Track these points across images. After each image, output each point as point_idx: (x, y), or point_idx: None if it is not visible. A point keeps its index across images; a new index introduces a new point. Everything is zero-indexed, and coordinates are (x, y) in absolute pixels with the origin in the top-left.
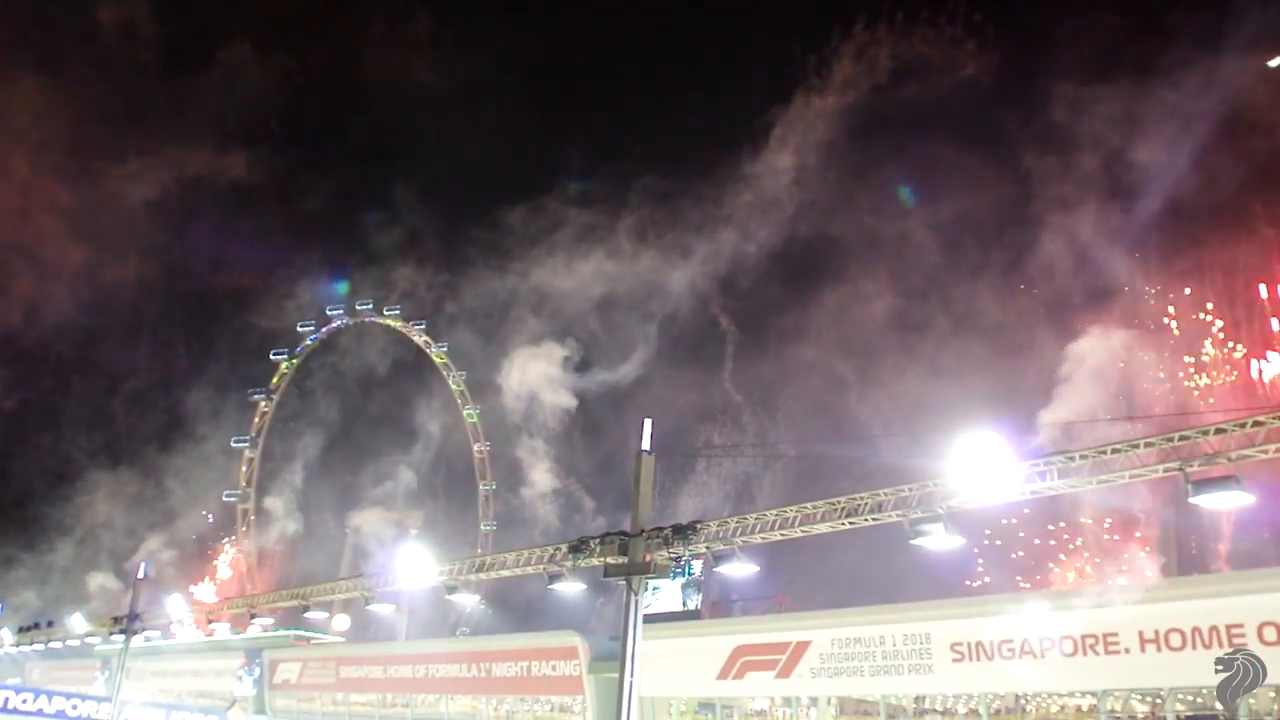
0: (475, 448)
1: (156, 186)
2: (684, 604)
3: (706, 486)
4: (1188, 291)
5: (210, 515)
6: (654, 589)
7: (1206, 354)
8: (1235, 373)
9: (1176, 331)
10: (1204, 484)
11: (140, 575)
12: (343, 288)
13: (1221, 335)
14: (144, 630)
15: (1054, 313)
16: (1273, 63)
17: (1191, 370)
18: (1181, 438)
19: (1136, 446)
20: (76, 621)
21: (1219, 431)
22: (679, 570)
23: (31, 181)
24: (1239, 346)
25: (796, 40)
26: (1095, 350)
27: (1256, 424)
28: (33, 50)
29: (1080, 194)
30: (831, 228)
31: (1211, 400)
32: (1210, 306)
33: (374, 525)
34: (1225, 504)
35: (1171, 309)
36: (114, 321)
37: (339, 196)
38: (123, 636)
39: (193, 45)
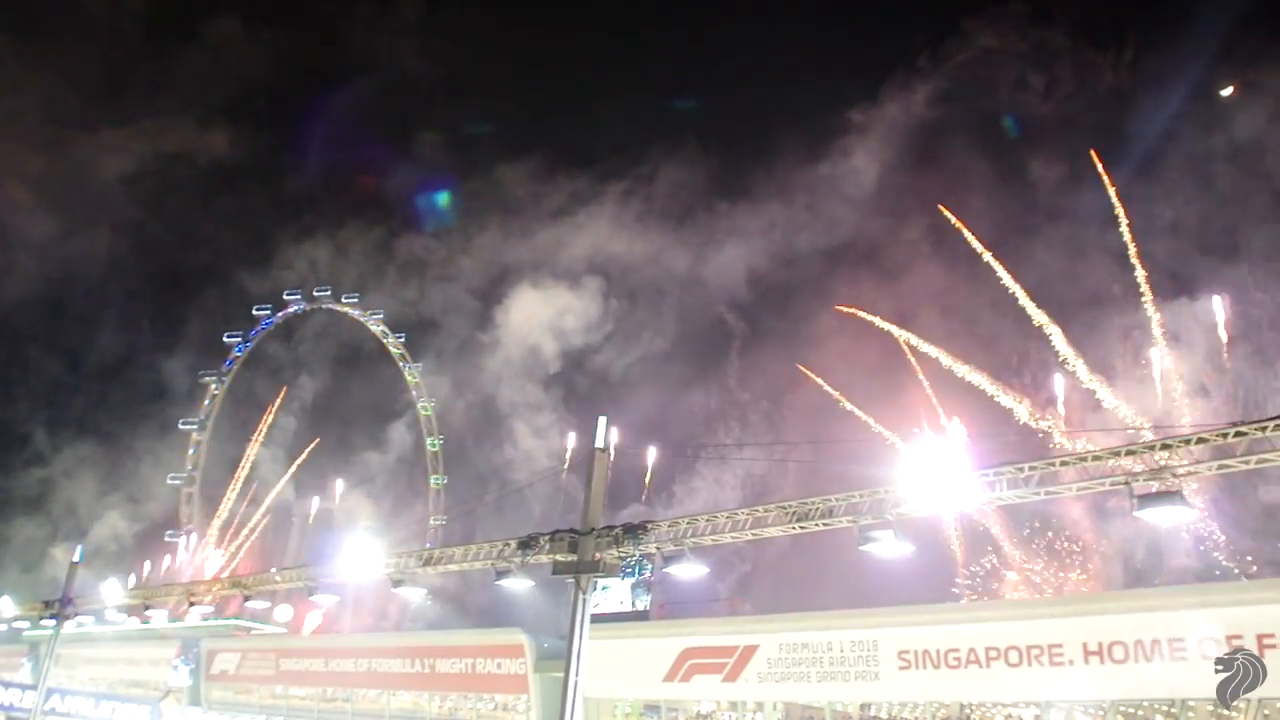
0: (429, 441)
1: (133, 160)
2: (633, 604)
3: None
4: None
5: (159, 498)
6: (603, 588)
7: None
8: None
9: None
10: (1148, 499)
11: (76, 558)
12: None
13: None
14: (77, 615)
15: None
16: (1225, 92)
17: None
18: (1128, 452)
19: (1084, 460)
20: (4, 605)
21: (1164, 447)
22: (628, 570)
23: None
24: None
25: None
26: None
27: (1200, 440)
28: (11, 14)
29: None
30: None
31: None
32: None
33: (322, 514)
34: (1169, 519)
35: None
36: (79, 296)
37: (320, 178)
38: (54, 622)
39: (178, 17)
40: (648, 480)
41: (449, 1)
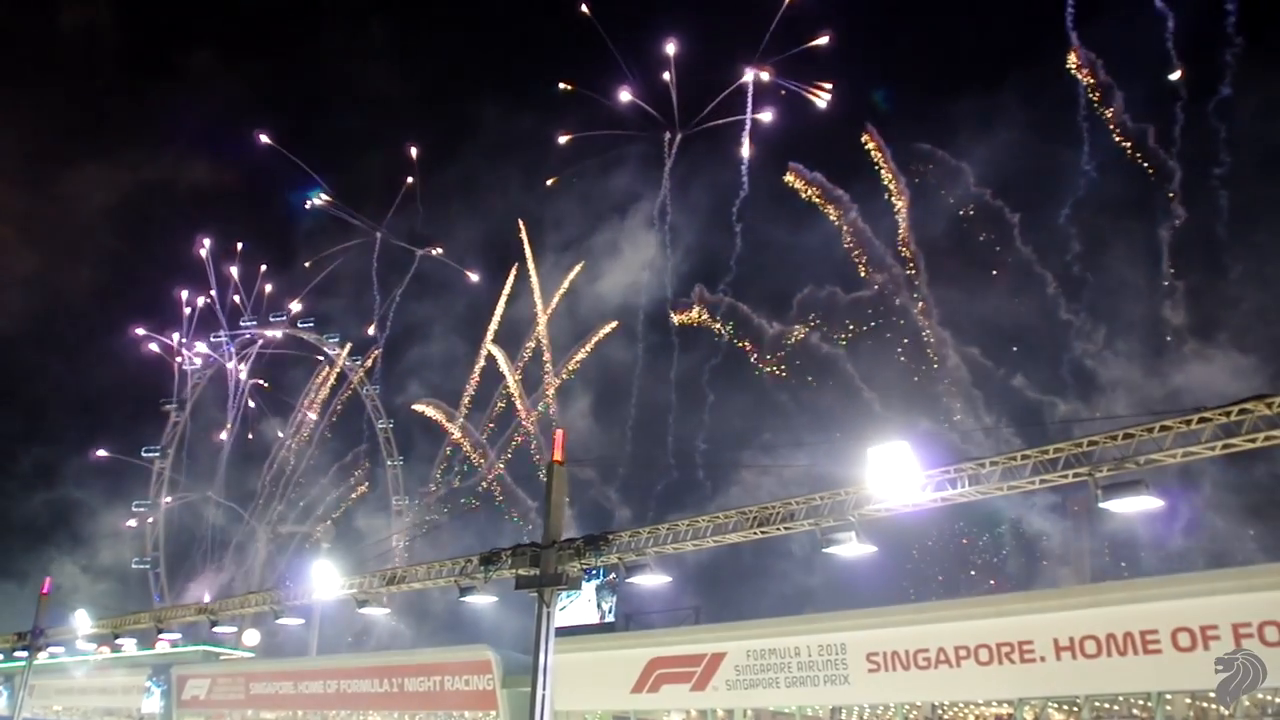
0: (389, 461)
1: (115, 192)
2: (599, 606)
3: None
4: None
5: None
6: (568, 594)
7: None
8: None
9: None
10: (1112, 489)
11: (45, 589)
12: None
13: None
14: (49, 646)
15: None
16: (1173, 76)
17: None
18: (1090, 443)
19: (1045, 452)
20: None
21: (1127, 436)
22: (592, 574)
23: None
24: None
25: None
26: None
27: (1164, 428)
28: None
29: None
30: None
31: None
32: None
33: (286, 540)
34: (1134, 508)
35: None
36: (66, 328)
37: (298, 201)
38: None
39: (154, 52)
40: None
41: (417, 21)
